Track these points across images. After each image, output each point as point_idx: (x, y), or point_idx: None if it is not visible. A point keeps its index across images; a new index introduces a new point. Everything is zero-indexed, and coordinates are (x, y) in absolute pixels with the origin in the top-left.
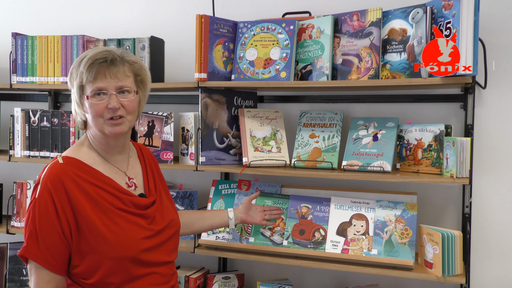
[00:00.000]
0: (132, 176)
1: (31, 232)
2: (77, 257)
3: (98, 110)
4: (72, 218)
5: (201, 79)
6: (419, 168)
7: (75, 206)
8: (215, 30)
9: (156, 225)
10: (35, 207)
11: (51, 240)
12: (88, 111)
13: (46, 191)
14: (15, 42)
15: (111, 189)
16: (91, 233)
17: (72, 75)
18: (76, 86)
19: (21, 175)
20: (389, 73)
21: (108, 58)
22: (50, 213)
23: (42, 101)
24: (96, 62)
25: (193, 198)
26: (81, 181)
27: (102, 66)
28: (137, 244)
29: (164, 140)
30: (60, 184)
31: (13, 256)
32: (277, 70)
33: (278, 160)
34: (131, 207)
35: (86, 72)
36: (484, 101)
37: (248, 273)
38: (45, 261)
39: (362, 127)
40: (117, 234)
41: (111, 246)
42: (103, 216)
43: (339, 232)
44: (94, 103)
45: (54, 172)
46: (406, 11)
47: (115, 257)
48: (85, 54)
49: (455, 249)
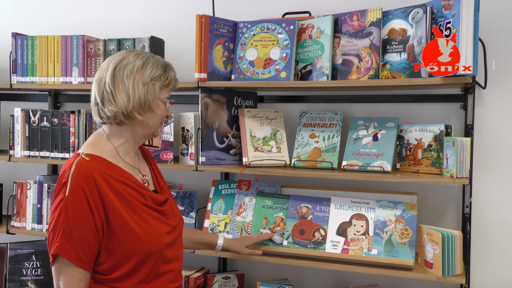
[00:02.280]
0: (144, 173)
1: (65, 230)
2: (104, 254)
3: (164, 115)
4: (103, 215)
5: (201, 79)
6: (419, 168)
7: (106, 203)
8: (215, 30)
9: (172, 221)
10: (67, 205)
11: (85, 237)
12: (160, 112)
13: (78, 187)
14: (15, 42)
15: (134, 185)
16: (121, 229)
17: (152, 70)
18: (158, 85)
19: (21, 175)
20: (389, 73)
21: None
22: (84, 209)
23: (42, 101)
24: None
25: (193, 198)
26: (109, 178)
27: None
28: (163, 238)
29: (164, 140)
30: (92, 180)
31: (13, 256)
32: (277, 70)
33: (278, 160)
34: (151, 203)
35: (174, 80)
36: (484, 101)
37: (248, 273)
38: (79, 259)
39: (362, 127)
40: (146, 229)
41: (141, 241)
42: (131, 212)
43: (339, 232)
44: (165, 108)
45: (84, 169)
46: (406, 11)
47: (144, 252)
48: (163, 61)
49: (455, 249)
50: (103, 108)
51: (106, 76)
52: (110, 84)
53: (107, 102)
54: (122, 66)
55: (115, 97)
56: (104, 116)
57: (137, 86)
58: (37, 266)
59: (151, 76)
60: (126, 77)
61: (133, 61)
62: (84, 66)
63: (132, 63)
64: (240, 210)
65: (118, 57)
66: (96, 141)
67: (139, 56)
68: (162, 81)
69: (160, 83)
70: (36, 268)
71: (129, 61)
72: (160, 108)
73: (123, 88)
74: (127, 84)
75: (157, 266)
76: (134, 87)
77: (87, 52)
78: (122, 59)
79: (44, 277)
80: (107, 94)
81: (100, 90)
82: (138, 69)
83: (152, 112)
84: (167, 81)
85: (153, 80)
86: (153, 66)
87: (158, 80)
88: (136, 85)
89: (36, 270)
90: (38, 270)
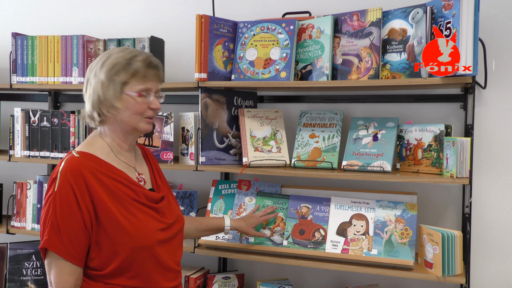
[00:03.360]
0: (141, 172)
1: (53, 223)
2: (94, 249)
3: (141, 108)
4: (92, 210)
5: (201, 79)
6: (419, 168)
7: (94, 198)
8: (215, 30)
9: (167, 219)
10: (55, 199)
11: (73, 231)
12: (129, 107)
13: (66, 183)
14: (15, 42)
15: (125, 181)
16: (110, 224)
17: (112, 70)
18: (118, 81)
19: (21, 175)
20: (389, 73)
21: (154, 62)
22: (71, 204)
23: (42, 101)
24: (150, 64)
25: (193, 198)
26: (98, 174)
27: (152, 68)
28: (154, 234)
29: (164, 140)
30: (79, 176)
31: (13, 256)
32: (277, 70)
33: (278, 160)
34: (144, 200)
35: (141, 71)
36: (484, 101)
37: (248, 273)
38: (67, 253)
39: (362, 127)
40: (135, 225)
41: (130, 236)
42: (121, 207)
43: (339, 232)
44: (140, 101)
45: (73, 165)
46: (406, 11)
47: (133, 247)
48: (132, 53)
49: (455, 249)
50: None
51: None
52: (85, 87)
53: (85, 104)
54: (93, 65)
55: (85, 97)
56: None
57: (96, 84)
58: (37, 266)
59: (111, 71)
60: (93, 77)
61: (101, 58)
62: (84, 66)
63: (101, 60)
64: (240, 210)
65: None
66: (90, 140)
67: (105, 54)
68: (126, 74)
69: (123, 76)
70: (36, 268)
71: (101, 58)
72: (129, 102)
73: (89, 88)
74: (93, 83)
75: (150, 263)
76: (94, 86)
77: (87, 52)
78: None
79: (44, 277)
80: (84, 96)
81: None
82: (99, 66)
83: (116, 109)
84: (132, 72)
85: (113, 76)
86: (114, 59)
87: (119, 74)
88: (96, 84)
89: (36, 270)
90: (38, 270)
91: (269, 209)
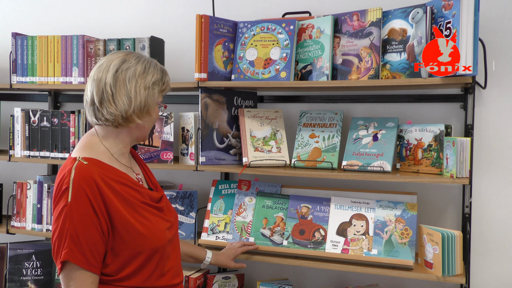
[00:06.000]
0: (137, 172)
1: (72, 236)
2: (110, 256)
3: (157, 119)
4: (107, 217)
5: (201, 79)
6: (419, 168)
7: (108, 205)
8: (215, 30)
9: (169, 217)
10: (72, 211)
11: (92, 241)
12: (153, 116)
13: (81, 192)
14: (15, 42)
15: (132, 184)
16: (125, 230)
17: (154, 75)
18: (157, 90)
19: (21, 175)
20: (389, 73)
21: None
22: (89, 213)
23: (42, 101)
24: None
25: (193, 198)
26: (108, 180)
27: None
28: (164, 234)
29: (164, 140)
30: (93, 184)
31: (13, 256)
32: (277, 70)
33: (278, 160)
34: (149, 200)
35: (169, 84)
36: (484, 101)
37: (248, 273)
38: (88, 263)
39: (362, 127)
40: (148, 227)
41: (145, 239)
42: (133, 211)
43: (339, 232)
44: (158, 111)
45: (85, 173)
46: (406, 11)
47: (150, 249)
48: (161, 66)
49: (455, 249)
50: (101, 109)
51: (107, 77)
52: (112, 86)
53: (106, 104)
54: (124, 69)
55: (115, 99)
56: (101, 117)
57: (139, 90)
58: (37, 266)
59: (152, 81)
60: (128, 80)
61: (134, 65)
62: (84, 66)
63: (134, 66)
64: (240, 210)
65: (118, 59)
66: (90, 143)
67: (140, 60)
68: (160, 86)
69: (158, 87)
70: (36, 268)
71: (131, 64)
72: (156, 111)
73: (124, 91)
74: (129, 87)
75: (162, 263)
76: (136, 90)
77: (87, 52)
78: (123, 62)
79: (44, 277)
80: (107, 95)
81: (99, 90)
82: (140, 73)
83: (150, 116)
84: (164, 86)
85: (154, 85)
86: (154, 71)
87: (157, 85)
88: (138, 89)
89: (36, 270)
90: (38, 270)
91: (250, 244)
